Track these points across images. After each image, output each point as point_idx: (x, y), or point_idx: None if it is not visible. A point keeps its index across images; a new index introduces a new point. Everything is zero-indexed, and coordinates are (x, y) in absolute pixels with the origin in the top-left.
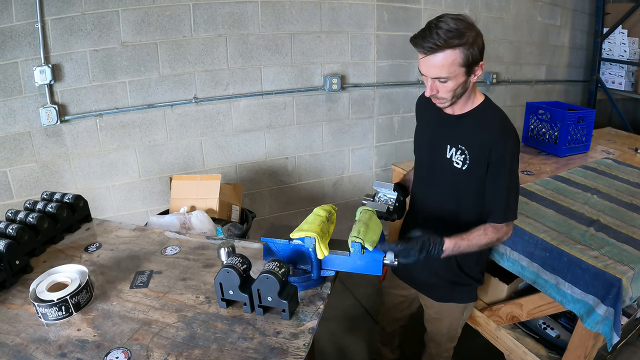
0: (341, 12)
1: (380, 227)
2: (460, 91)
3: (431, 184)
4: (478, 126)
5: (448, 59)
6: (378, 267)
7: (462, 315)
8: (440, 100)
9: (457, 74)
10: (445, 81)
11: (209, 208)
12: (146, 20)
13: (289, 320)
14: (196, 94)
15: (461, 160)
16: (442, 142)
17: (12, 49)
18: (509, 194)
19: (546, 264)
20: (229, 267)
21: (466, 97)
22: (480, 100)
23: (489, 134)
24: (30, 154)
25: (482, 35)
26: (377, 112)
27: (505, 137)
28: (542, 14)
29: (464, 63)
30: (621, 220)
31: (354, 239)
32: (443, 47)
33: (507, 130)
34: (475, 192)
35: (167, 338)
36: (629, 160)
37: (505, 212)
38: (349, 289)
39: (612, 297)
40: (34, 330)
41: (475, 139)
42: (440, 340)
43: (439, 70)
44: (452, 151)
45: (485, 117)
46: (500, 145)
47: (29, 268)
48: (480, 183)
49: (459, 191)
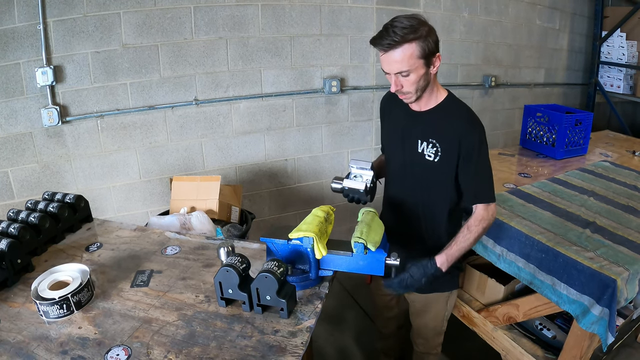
0: (341, 15)
1: (382, 227)
2: (423, 84)
3: (405, 179)
4: (446, 119)
5: (406, 52)
6: (380, 268)
7: (446, 304)
8: (406, 95)
9: (416, 66)
10: (407, 75)
11: (208, 209)
12: (147, 22)
13: (287, 319)
14: (197, 96)
15: (433, 153)
16: (412, 137)
17: (15, 50)
18: (481, 177)
19: (542, 265)
20: (229, 267)
21: (429, 91)
22: (444, 95)
23: (457, 125)
24: (31, 155)
25: (435, 30)
26: (376, 114)
27: (472, 127)
28: (541, 17)
29: (421, 55)
30: (617, 222)
31: (357, 240)
32: (400, 42)
33: (473, 120)
34: (447, 182)
35: (167, 336)
36: (627, 163)
37: (476, 193)
38: (347, 290)
39: (607, 297)
40: (35, 328)
41: (444, 132)
42: (427, 335)
43: (400, 64)
44: (424, 145)
45: (451, 110)
46: (469, 135)
47: (30, 267)
48: (452, 174)
49: (432, 183)
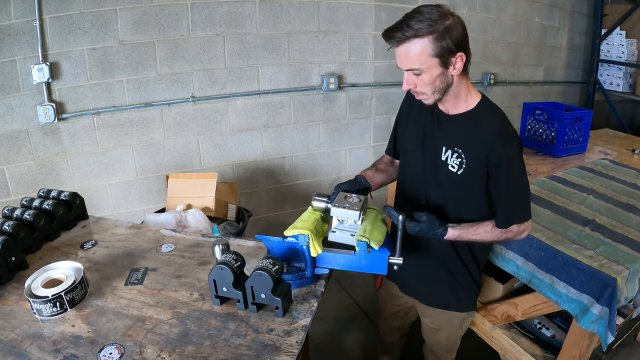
0: (339, 12)
1: (385, 226)
2: (441, 85)
3: (424, 187)
4: (475, 128)
5: (416, 49)
6: (383, 266)
7: (461, 325)
8: (421, 95)
9: (429, 64)
10: (419, 73)
11: (205, 206)
12: (144, 19)
13: (283, 318)
14: (194, 93)
15: (457, 164)
16: (437, 142)
17: (10, 46)
18: (512, 197)
19: (541, 263)
20: (223, 264)
21: (455, 94)
22: (477, 100)
23: (488, 137)
24: (27, 152)
25: (463, 24)
26: (375, 112)
27: (504, 139)
28: (540, 15)
29: (435, 53)
30: (617, 220)
31: (360, 238)
32: (410, 37)
33: (506, 132)
34: (471, 198)
35: (161, 334)
36: (626, 161)
37: (508, 216)
38: (345, 288)
39: (607, 296)
40: (28, 326)
41: (472, 143)
42: (439, 352)
43: (409, 61)
44: (448, 153)
45: (483, 118)
46: (499, 149)
47: (24, 265)
48: (478, 189)
49: (453, 196)
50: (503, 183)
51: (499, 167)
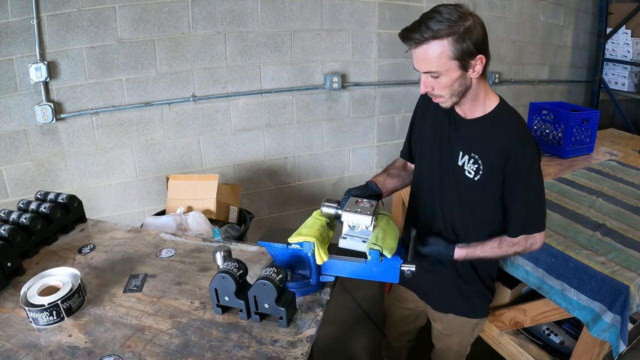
0: (342, 10)
1: (397, 233)
2: (460, 88)
3: (439, 193)
4: (493, 133)
5: (435, 51)
6: (395, 274)
7: (473, 331)
8: (438, 98)
9: (448, 67)
10: (437, 76)
11: (206, 209)
12: (143, 16)
13: (287, 328)
14: (194, 92)
15: (474, 170)
16: (454, 147)
17: (8, 45)
18: (528, 207)
19: (551, 269)
20: (225, 273)
21: (473, 97)
22: (495, 103)
23: (505, 142)
24: (25, 153)
25: (483, 25)
26: (378, 111)
27: (522, 145)
28: (545, 13)
29: (454, 56)
30: (627, 224)
31: (372, 246)
32: (429, 38)
33: (524, 137)
34: (488, 205)
35: (160, 345)
36: (633, 162)
37: (521, 225)
38: (349, 291)
39: (619, 304)
40: (24, 335)
41: (489, 148)
42: (449, 358)
43: (427, 63)
44: (465, 159)
45: (500, 122)
46: (517, 155)
47: (21, 270)
48: (494, 196)
49: (469, 203)
50: (520, 189)
51: (517, 174)
